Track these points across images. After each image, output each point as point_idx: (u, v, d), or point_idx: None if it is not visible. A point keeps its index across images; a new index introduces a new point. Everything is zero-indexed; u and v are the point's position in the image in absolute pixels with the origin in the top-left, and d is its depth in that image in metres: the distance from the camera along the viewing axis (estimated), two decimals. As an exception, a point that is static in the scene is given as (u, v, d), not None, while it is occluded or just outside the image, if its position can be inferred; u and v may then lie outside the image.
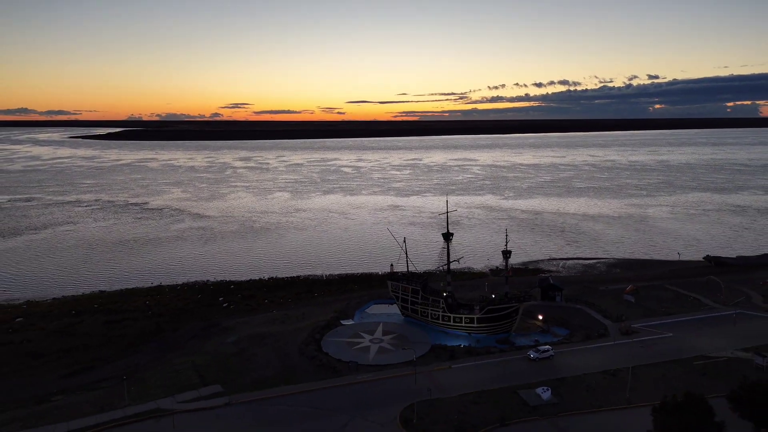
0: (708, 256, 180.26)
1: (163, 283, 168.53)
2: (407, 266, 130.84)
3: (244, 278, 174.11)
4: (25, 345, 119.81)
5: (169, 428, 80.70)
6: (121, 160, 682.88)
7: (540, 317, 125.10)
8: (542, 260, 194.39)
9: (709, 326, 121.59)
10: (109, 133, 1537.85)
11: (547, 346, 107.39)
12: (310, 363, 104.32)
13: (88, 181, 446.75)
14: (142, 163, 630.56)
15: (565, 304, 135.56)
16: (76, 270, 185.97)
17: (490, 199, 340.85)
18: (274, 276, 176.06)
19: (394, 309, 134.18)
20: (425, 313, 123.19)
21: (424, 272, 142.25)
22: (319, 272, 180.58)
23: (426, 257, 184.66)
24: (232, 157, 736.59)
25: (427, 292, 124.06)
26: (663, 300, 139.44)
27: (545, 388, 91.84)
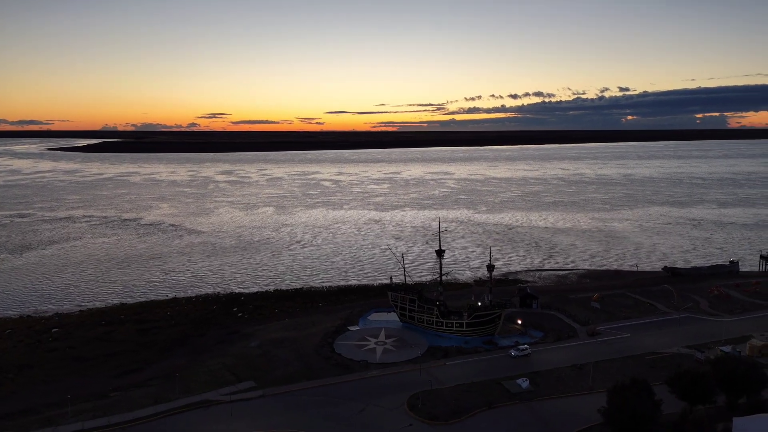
0: (666, 267, 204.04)
1: (178, 296, 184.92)
2: (405, 279, 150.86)
3: (251, 290, 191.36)
4: (70, 351, 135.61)
5: (227, 414, 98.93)
6: (103, 173, 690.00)
7: (519, 322, 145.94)
8: (520, 271, 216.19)
9: (660, 328, 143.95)
10: (87, 145, 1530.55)
11: (525, 346, 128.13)
12: (326, 362, 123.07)
13: (73, 197, 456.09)
14: (124, 177, 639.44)
15: (540, 310, 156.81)
16: (93, 284, 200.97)
17: (465, 214, 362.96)
18: (279, 288, 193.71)
19: (392, 316, 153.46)
20: (421, 319, 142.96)
21: (416, 283, 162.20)
22: (319, 284, 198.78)
23: (413, 270, 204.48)
24: (214, 170, 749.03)
25: (423, 301, 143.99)
26: (624, 306, 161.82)
27: (524, 379, 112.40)
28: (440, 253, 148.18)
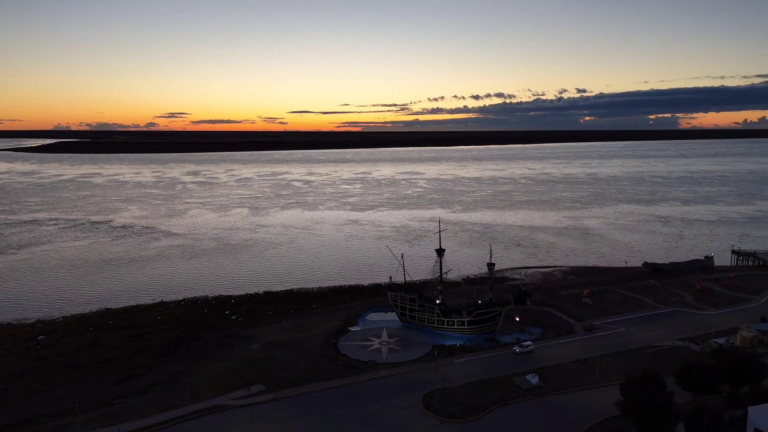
0: (646, 262, 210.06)
1: (164, 300, 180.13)
2: (404, 278, 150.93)
3: (239, 293, 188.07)
4: (61, 358, 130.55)
5: (246, 418, 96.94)
6: (62, 175, 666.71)
7: (517, 319, 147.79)
8: (506, 269, 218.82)
9: (652, 322, 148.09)
10: (42, 146, 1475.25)
11: (529, 342, 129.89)
12: (334, 363, 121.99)
13: (34, 199, 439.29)
14: (86, 179, 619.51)
15: (534, 307, 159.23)
16: (73, 289, 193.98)
17: (441, 214, 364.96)
18: (268, 290, 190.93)
19: (390, 316, 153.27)
20: (422, 318, 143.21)
21: (413, 282, 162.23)
22: (308, 285, 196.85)
23: (399, 269, 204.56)
24: (180, 171, 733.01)
25: (423, 300, 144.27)
26: (613, 301, 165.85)
27: (533, 374, 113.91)
28: (440, 252, 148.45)
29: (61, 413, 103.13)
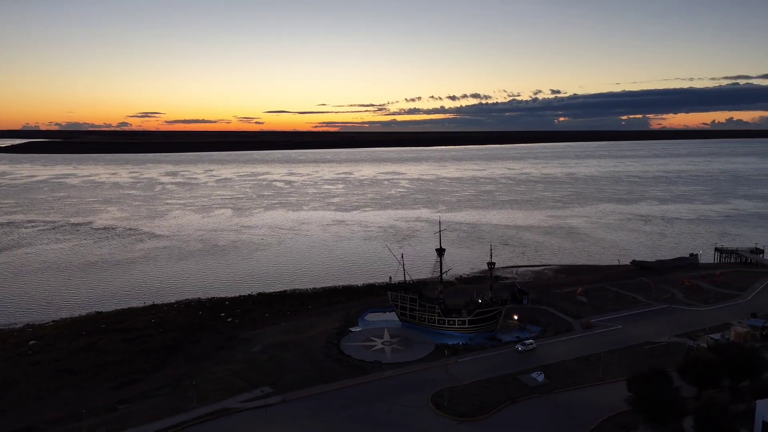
0: (634, 260, 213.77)
1: (156, 302, 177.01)
2: (404, 278, 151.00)
3: (232, 294, 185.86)
4: (56, 364, 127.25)
5: (258, 420, 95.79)
6: (35, 176, 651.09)
7: (516, 317, 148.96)
8: (497, 269, 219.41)
9: (646, 319, 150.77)
10: (12, 146, 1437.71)
11: (531, 341, 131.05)
12: (339, 364, 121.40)
13: (9, 201, 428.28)
14: (60, 180, 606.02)
15: (531, 305, 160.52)
16: (60, 293, 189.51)
17: (427, 214, 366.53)
18: (262, 291, 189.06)
19: (388, 316, 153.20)
20: (422, 318, 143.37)
21: (409, 282, 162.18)
22: (301, 286, 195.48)
23: (391, 269, 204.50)
24: (157, 171, 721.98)
25: (424, 300, 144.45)
26: (607, 299, 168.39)
27: (538, 372, 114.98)
28: (441, 251, 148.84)
29: (63, 420, 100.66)
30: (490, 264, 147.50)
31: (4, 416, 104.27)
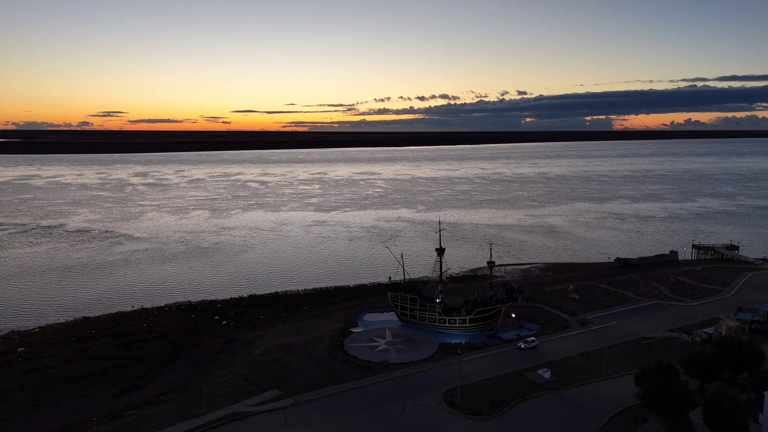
0: (618, 258, 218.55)
1: (145, 306, 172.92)
2: (404, 278, 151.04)
3: (223, 297, 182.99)
4: (51, 371, 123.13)
5: (282, 423, 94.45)
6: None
7: (513, 315, 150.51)
8: (485, 267, 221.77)
9: (639, 314, 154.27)
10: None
11: (533, 338, 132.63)
12: (345, 365, 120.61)
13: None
14: (24, 181, 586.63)
15: (526, 303, 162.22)
16: (42, 298, 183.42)
17: (407, 213, 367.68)
18: (253, 293, 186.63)
19: (386, 316, 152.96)
20: (423, 317, 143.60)
21: (406, 282, 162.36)
22: (293, 288, 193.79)
23: (384, 269, 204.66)
24: (126, 172, 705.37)
25: (424, 300, 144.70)
26: (598, 296, 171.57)
27: (545, 369, 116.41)
28: (441, 251, 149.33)
29: (68, 429, 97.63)
30: (491, 263, 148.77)
31: (3, 427, 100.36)
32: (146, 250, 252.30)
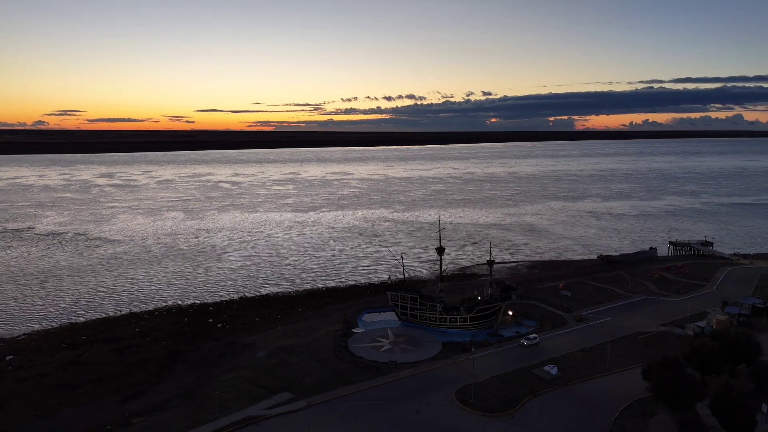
0: (600, 255, 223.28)
1: (134, 310, 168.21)
2: (404, 277, 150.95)
3: (213, 300, 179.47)
4: (47, 379, 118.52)
5: (298, 426, 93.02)
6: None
7: (510, 313, 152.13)
8: (473, 265, 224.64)
9: (631, 310, 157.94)
10: None
11: (534, 335, 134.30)
12: (353, 366, 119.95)
13: None
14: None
15: (520, 301, 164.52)
16: (23, 304, 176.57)
17: (386, 213, 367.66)
18: (243, 296, 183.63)
19: (384, 316, 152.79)
20: (423, 316, 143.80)
21: (398, 281, 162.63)
22: (284, 289, 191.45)
23: (378, 269, 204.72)
24: (91, 173, 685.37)
25: (424, 299, 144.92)
26: (588, 293, 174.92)
27: (552, 365, 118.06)
28: (440, 250, 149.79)
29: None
30: (490, 261, 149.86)
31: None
32: (125, 253, 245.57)
